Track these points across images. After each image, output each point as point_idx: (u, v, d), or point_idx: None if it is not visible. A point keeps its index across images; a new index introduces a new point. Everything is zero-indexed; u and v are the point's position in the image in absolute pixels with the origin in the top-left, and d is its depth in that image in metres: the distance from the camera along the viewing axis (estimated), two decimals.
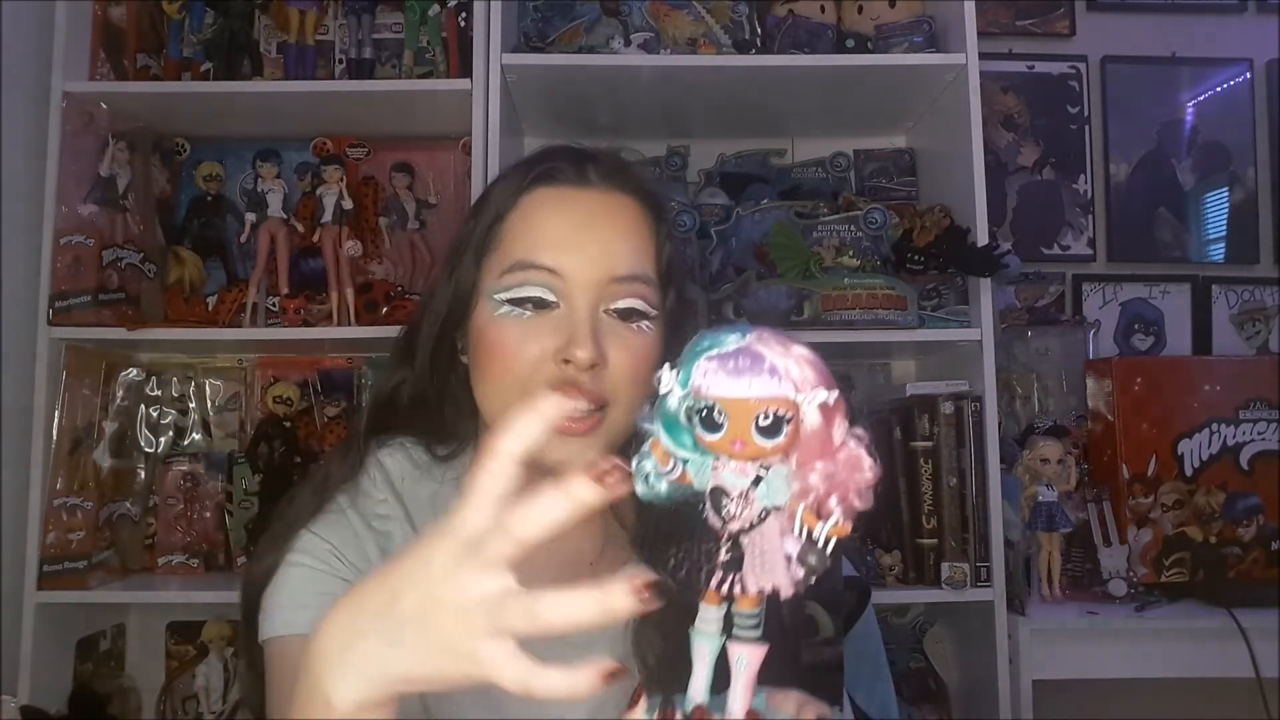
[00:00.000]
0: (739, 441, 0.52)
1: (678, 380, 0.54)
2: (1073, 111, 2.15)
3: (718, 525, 0.55)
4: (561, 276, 0.80)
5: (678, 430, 0.55)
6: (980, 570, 1.59)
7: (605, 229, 0.82)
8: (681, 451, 0.55)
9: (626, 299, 0.81)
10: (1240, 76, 2.17)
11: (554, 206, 0.83)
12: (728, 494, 0.54)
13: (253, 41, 1.77)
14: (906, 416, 1.67)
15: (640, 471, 0.57)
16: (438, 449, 0.90)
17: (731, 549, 0.54)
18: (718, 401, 0.52)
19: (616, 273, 0.80)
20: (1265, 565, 1.69)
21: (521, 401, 0.75)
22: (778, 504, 0.54)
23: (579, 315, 0.79)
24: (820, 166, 2.02)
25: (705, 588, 0.55)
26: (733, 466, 0.54)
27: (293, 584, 0.81)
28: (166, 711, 1.76)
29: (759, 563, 0.53)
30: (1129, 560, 1.65)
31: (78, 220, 1.60)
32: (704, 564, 0.54)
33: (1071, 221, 2.14)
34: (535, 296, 0.80)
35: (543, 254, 0.80)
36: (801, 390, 0.52)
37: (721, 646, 0.57)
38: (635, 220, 0.85)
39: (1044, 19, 2.16)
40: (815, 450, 0.53)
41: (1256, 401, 1.73)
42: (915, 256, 1.69)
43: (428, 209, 1.86)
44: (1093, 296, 2.12)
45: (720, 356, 0.53)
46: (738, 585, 0.54)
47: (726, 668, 0.58)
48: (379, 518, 0.86)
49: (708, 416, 0.52)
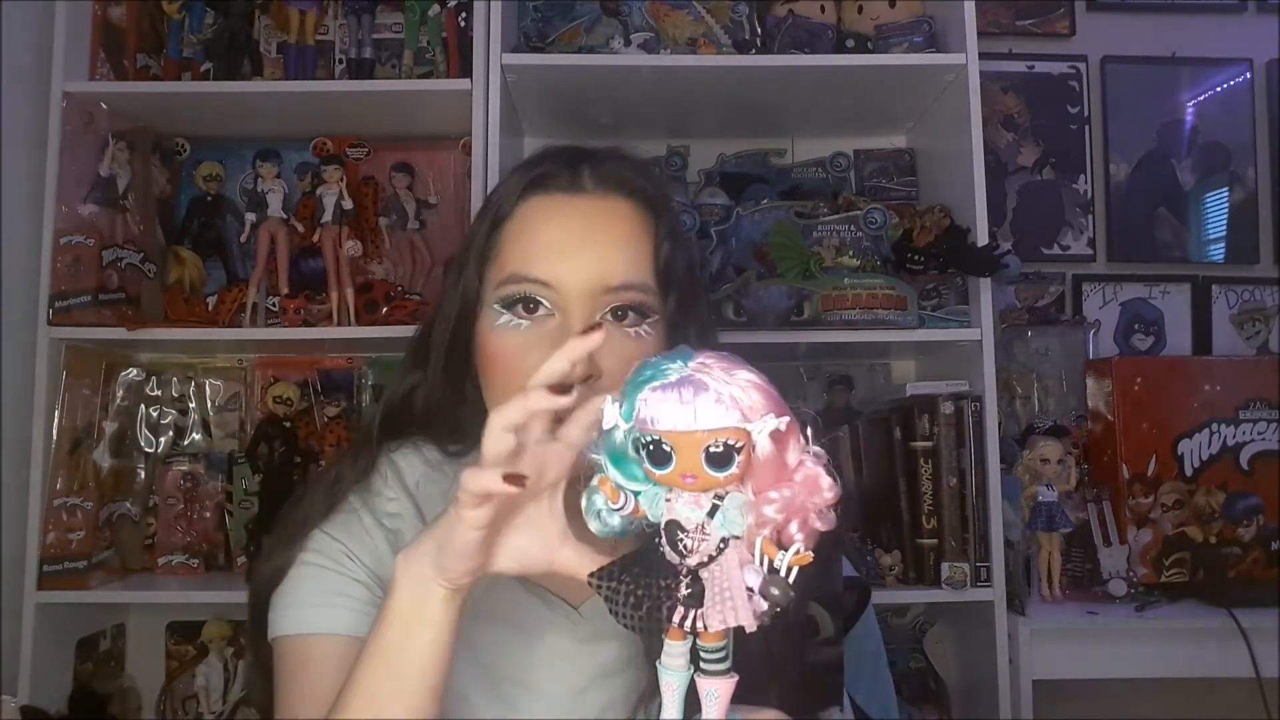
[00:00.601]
0: (689, 475, 0.51)
1: (620, 413, 0.53)
2: (1073, 111, 2.15)
3: (675, 560, 0.54)
4: (554, 288, 0.80)
5: (626, 463, 0.53)
6: (980, 570, 1.59)
7: (599, 238, 0.82)
8: (632, 485, 0.54)
9: (622, 306, 0.80)
10: (1240, 76, 2.17)
11: (547, 216, 0.83)
12: (683, 528, 0.53)
13: (253, 41, 1.77)
14: (906, 416, 1.67)
15: (591, 507, 0.56)
16: (450, 446, 0.90)
17: (691, 583, 0.53)
18: (663, 435, 0.51)
19: (610, 282, 0.80)
20: (1265, 565, 1.69)
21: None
22: (735, 533, 0.52)
23: (573, 327, 0.78)
24: (820, 166, 2.02)
25: (668, 624, 0.54)
26: (686, 498, 0.52)
27: (305, 583, 0.81)
28: (166, 711, 1.76)
29: (719, 598, 0.51)
30: (1129, 560, 1.65)
31: (78, 220, 1.60)
32: (664, 600, 0.53)
33: (1071, 221, 2.14)
34: (531, 307, 0.80)
35: (536, 266, 0.80)
36: (750, 418, 0.51)
37: (690, 678, 0.56)
38: (631, 225, 0.84)
39: (1044, 19, 2.15)
40: (770, 477, 0.51)
41: (1256, 401, 1.73)
42: (915, 256, 1.69)
43: (428, 209, 1.86)
44: (1093, 296, 2.12)
45: (664, 387, 0.51)
46: (700, 621, 0.52)
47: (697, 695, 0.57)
48: (391, 516, 0.86)
49: (655, 450, 0.51)
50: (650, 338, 0.81)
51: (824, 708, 0.83)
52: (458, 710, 0.81)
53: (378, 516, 0.85)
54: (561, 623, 0.84)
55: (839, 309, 1.61)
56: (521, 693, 0.83)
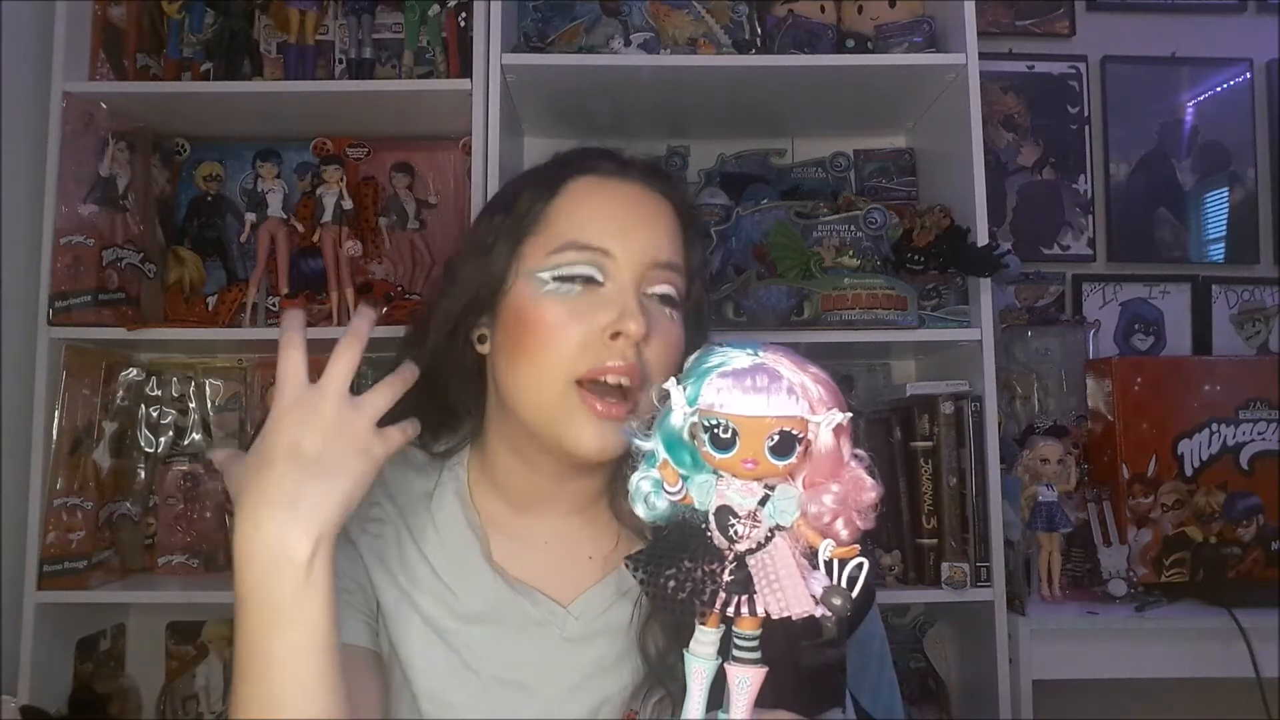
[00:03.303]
0: (751, 460, 0.51)
1: (686, 396, 0.53)
2: (1073, 111, 2.15)
3: (723, 545, 0.54)
4: (611, 256, 0.82)
5: (678, 448, 0.54)
6: (980, 570, 1.59)
7: (649, 216, 0.85)
8: (681, 470, 0.54)
9: (664, 285, 0.83)
10: (1240, 76, 2.17)
11: (601, 193, 0.86)
12: (735, 514, 0.53)
13: (253, 41, 1.77)
14: (906, 416, 1.67)
15: (639, 492, 0.56)
16: (434, 446, 0.90)
17: (736, 569, 0.53)
18: (731, 419, 0.51)
19: (659, 258, 0.83)
20: (1265, 565, 1.69)
21: (562, 383, 0.79)
22: (784, 524, 0.53)
23: (628, 292, 0.80)
24: (820, 166, 2.02)
25: (710, 609, 0.54)
26: (737, 485, 0.53)
27: None
28: (166, 711, 1.76)
29: (772, 585, 0.52)
30: (1129, 560, 1.66)
31: (78, 220, 1.60)
32: (707, 585, 0.53)
33: (1071, 221, 2.14)
34: (585, 274, 0.81)
35: (592, 235, 0.82)
36: (817, 410, 0.51)
37: (717, 668, 0.56)
38: (670, 215, 0.87)
39: (1044, 19, 2.16)
40: (826, 471, 0.52)
41: (1256, 401, 1.73)
42: (915, 256, 1.69)
43: (428, 209, 1.86)
44: (1093, 296, 2.12)
45: (735, 374, 0.52)
46: (744, 607, 0.53)
47: (715, 686, 0.57)
48: (373, 521, 0.86)
49: (718, 435, 0.51)
50: (677, 324, 0.84)
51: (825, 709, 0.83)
52: (445, 712, 0.81)
53: (360, 523, 0.85)
54: (550, 621, 0.84)
55: (839, 309, 1.61)
56: (511, 693, 0.83)
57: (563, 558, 0.87)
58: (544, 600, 0.85)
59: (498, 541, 0.86)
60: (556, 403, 0.79)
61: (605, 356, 0.78)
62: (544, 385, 0.80)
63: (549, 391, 0.79)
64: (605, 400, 0.78)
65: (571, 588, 0.86)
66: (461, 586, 0.84)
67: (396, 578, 0.84)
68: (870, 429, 1.75)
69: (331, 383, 0.70)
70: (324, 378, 0.70)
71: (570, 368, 0.79)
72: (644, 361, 0.79)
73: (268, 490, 0.65)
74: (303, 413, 0.68)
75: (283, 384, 0.70)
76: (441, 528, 0.86)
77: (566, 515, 0.88)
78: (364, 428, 0.69)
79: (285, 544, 0.64)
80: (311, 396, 0.69)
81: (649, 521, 0.57)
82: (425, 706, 0.82)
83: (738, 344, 0.54)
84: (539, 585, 0.85)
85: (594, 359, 0.78)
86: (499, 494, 0.88)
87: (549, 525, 0.88)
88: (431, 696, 0.82)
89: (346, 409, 0.69)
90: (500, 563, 0.86)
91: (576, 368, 0.78)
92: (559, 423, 0.79)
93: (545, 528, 0.87)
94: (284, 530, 0.64)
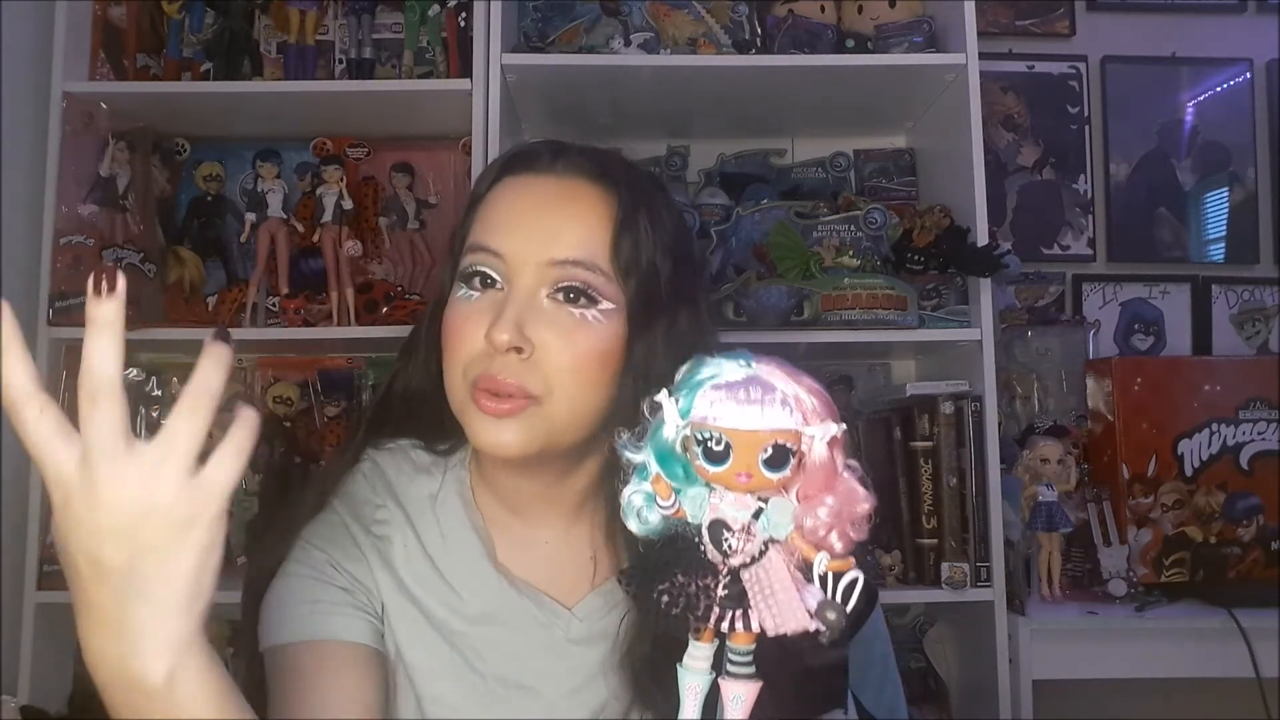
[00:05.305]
0: (744, 474, 0.50)
1: (679, 409, 0.53)
2: (1073, 111, 2.15)
3: (716, 559, 0.54)
4: (503, 258, 0.79)
5: (670, 461, 0.53)
6: (980, 570, 1.59)
7: (554, 213, 0.81)
8: (673, 483, 0.54)
9: (569, 283, 0.78)
10: (1240, 76, 2.17)
11: (513, 191, 0.84)
12: (729, 527, 0.53)
13: (253, 41, 1.77)
14: (906, 416, 1.67)
15: (631, 505, 0.56)
16: (438, 445, 0.90)
17: (730, 584, 0.53)
18: (725, 432, 0.51)
19: (555, 256, 0.78)
20: (1265, 565, 1.69)
21: (461, 385, 0.78)
22: (778, 537, 0.53)
23: (513, 297, 0.78)
24: (820, 166, 2.02)
25: (704, 624, 0.53)
26: (731, 499, 0.52)
27: (290, 594, 0.82)
28: None
29: (767, 599, 0.51)
30: (1129, 560, 1.65)
31: (78, 220, 1.60)
32: (700, 599, 0.53)
33: (1071, 221, 2.14)
34: (481, 274, 0.80)
35: (490, 236, 0.81)
36: (811, 422, 0.51)
37: (711, 682, 0.56)
38: (588, 206, 0.82)
39: (1044, 19, 2.16)
40: (820, 483, 0.52)
41: (1256, 401, 1.73)
42: (915, 256, 1.69)
43: (428, 209, 1.86)
44: (1093, 296, 2.12)
45: (728, 386, 0.51)
46: (738, 622, 0.52)
47: (710, 702, 0.56)
48: (379, 523, 0.86)
49: (711, 448, 0.51)
50: (601, 325, 0.79)
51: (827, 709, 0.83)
52: (449, 713, 0.81)
53: (365, 524, 0.85)
54: (554, 624, 0.84)
55: (839, 309, 1.61)
56: (515, 694, 0.83)
57: (566, 559, 0.87)
58: (548, 602, 0.85)
59: (501, 543, 0.86)
60: (461, 405, 0.79)
61: (490, 366, 0.77)
62: (453, 387, 0.80)
63: (456, 393, 0.80)
64: (494, 398, 0.76)
65: (575, 589, 0.86)
66: (466, 588, 0.84)
67: (401, 579, 0.84)
68: (870, 429, 1.75)
69: (104, 466, 0.53)
70: (92, 453, 0.52)
71: (465, 371, 0.78)
72: (538, 369, 0.77)
73: (91, 613, 0.54)
74: (82, 517, 0.52)
75: (46, 478, 0.52)
76: (446, 530, 0.86)
77: (565, 516, 0.88)
78: (183, 500, 0.56)
79: (129, 675, 0.55)
80: (89, 493, 0.52)
81: (641, 535, 0.56)
82: (428, 708, 0.82)
83: (730, 354, 0.53)
84: (543, 587, 0.85)
85: (482, 366, 0.77)
86: (495, 496, 0.88)
87: (549, 526, 0.87)
88: (435, 698, 0.82)
89: (152, 494, 0.54)
90: (504, 564, 0.86)
91: (470, 372, 0.78)
92: (466, 424, 0.79)
93: (546, 528, 0.87)
94: (124, 664, 0.54)
